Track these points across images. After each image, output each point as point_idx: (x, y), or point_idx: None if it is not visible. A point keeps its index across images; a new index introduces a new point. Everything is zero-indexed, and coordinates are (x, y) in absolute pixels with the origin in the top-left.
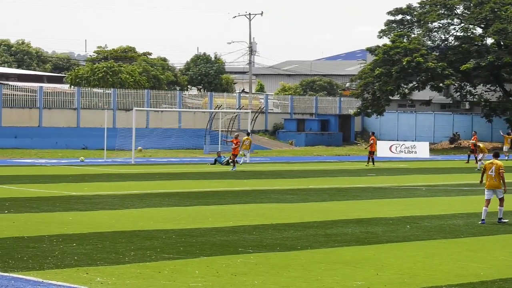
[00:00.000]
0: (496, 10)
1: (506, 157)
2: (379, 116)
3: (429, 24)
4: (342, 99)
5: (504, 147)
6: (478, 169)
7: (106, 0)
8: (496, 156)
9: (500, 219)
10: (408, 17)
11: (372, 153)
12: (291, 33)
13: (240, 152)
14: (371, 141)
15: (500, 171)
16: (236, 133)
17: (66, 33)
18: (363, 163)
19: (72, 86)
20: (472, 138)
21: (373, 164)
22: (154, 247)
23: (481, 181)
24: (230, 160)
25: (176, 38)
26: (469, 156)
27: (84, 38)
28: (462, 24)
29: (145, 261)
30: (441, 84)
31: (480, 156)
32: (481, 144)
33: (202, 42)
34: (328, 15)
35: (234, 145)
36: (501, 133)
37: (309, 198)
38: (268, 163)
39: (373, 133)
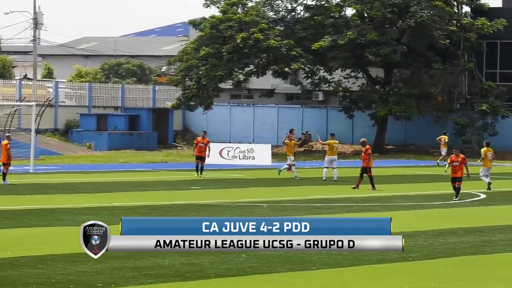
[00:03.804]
0: None
1: (437, 162)
2: (206, 110)
3: None
4: (157, 87)
5: (441, 150)
6: (335, 180)
7: None
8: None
9: None
10: None
11: (203, 159)
12: (90, 2)
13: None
14: (195, 144)
15: None
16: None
17: None
18: (185, 172)
19: None
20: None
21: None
22: None
23: None
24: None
25: None
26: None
27: None
28: None
29: None
30: (286, 69)
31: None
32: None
33: None
34: None
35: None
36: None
37: (113, 220)
38: (58, 173)
39: (204, 134)
